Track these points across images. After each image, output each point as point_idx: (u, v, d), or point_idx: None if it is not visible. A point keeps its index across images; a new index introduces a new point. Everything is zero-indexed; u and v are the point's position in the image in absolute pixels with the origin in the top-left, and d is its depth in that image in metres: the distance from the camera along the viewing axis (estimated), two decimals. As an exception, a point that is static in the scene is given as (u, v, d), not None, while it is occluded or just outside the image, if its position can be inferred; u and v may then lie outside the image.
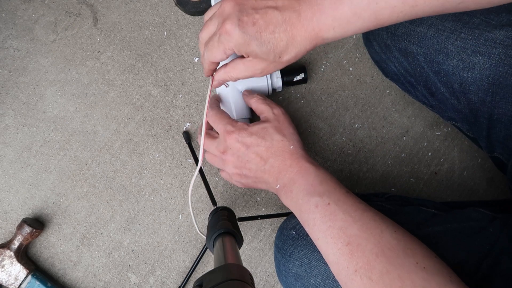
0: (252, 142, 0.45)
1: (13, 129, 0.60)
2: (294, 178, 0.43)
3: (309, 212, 0.40)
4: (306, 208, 0.40)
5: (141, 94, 0.61)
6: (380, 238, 0.35)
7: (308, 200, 0.40)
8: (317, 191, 0.40)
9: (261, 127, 0.46)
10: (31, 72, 0.61)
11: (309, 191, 0.41)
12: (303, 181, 0.42)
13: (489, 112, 0.43)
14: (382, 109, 0.62)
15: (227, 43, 0.38)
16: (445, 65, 0.44)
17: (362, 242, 0.35)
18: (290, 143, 0.45)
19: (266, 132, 0.45)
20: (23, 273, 0.56)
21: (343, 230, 0.37)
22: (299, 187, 0.42)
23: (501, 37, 0.39)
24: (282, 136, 0.45)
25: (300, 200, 0.41)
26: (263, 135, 0.45)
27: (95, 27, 0.61)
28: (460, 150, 0.62)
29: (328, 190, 0.40)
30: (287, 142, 0.45)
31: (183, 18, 0.62)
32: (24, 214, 0.60)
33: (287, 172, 0.43)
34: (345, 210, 0.38)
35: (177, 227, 0.61)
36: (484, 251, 0.39)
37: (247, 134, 0.45)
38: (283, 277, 0.46)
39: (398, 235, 0.36)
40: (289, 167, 0.43)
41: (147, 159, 0.61)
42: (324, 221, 0.38)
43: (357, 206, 0.39)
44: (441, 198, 0.62)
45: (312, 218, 0.39)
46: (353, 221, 0.37)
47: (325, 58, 0.62)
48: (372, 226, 0.36)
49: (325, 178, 0.42)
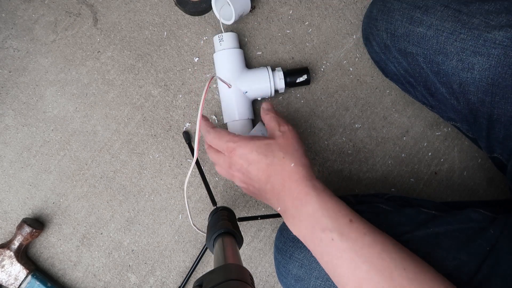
0: (254, 158, 0.43)
1: (13, 129, 0.60)
2: (294, 204, 0.41)
3: (313, 244, 0.39)
4: (310, 240, 0.39)
5: (141, 94, 0.61)
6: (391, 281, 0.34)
7: (311, 232, 0.39)
8: (320, 224, 0.39)
9: (264, 143, 0.44)
10: (31, 72, 0.61)
11: (311, 223, 0.39)
12: (304, 211, 0.40)
13: (488, 113, 0.43)
14: (382, 109, 0.62)
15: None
16: (445, 66, 0.44)
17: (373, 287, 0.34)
18: (291, 161, 0.43)
19: (268, 148, 0.44)
20: (23, 273, 0.56)
21: (351, 271, 0.36)
22: (301, 216, 0.40)
23: (501, 38, 0.39)
24: (283, 153, 0.43)
25: (303, 230, 0.40)
26: (265, 151, 0.43)
27: (95, 27, 0.61)
28: (460, 150, 0.62)
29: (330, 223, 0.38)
30: (288, 160, 0.43)
31: (183, 18, 0.61)
32: (24, 214, 0.60)
33: (287, 195, 0.42)
34: (351, 247, 0.36)
35: (177, 227, 0.61)
36: (484, 252, 0.39)
37: (248, 150, 0.44)
38: (283, 278, 0.46)
39: (409, 274, 0.34)
40: (288, 189, 0.42)
41: (147, 159, 0.61)
42: (331, 258, 0.37)
43: (362, 241, 0.37)
44: (441, 198, 0.62)
45: (318, 251, 0.39)
46: (361, 262, 0.36)
47: (325, 58, 0.62)
48: (380, 267, 0.35)
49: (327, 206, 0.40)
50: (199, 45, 0.61)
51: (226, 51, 0.55)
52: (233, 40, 0.56)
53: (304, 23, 0.62)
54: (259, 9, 0.61)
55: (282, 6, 0.61)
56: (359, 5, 0.62)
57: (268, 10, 0.61)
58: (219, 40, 0.56)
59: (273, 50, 0.61)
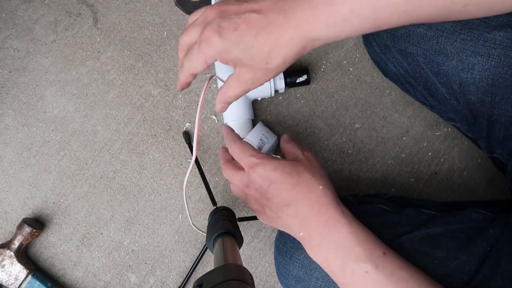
0: (277, 177, 0.39)
1: (13, 129, 0.60)
2: (322, 232, 0.38)
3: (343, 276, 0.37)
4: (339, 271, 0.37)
5: (141, 94, 0.61)
6: None
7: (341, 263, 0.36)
8: (352, 255, 0.36)
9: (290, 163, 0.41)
10: (31, 72, 0.61)
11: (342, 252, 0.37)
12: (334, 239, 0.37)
13: (488, 113, 0.43)
14: (382, 109, 0.62)
15: (208, 51, 0.34)
16: (445, 66, 0.44)
17: None
18: (320, 184, 0.39)
19: (294, 168, 0.40)
20: (23, 273, 0.56)
21: None
22: (329, 244, 0.37)
23: (501, 38, 0.39)
24: (311, 175, 0.40)
25: (331, 260, 0.37)
26: (290, 171, 0.40)
27: (95, 27, 0.61)
28: (460, 150, 0.62)
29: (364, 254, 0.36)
30: (316, 182, 0.39)
31: (183, 18, 0.61)
32: (24, 214, 0.60)
33: (313, 221, 0.38)
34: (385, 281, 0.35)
35: (177, 227, 0.61)
36: (485, 252, 0.39)
37: (272, 168, 0.40)
38: (284, 279, 0.46)
39: None
40: (315, 214, 0.38)
41: (147, 159, 0.61)
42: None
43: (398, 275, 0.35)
44: (441, 198, 0.62)
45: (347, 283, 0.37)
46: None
47: (325, 58, 0.62)
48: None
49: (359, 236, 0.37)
50: (199, 45, 0.61)
51: None
52: None
53: (304, 23, 0.61)
54: (259, 9, 0.61)
55: (282, 6, 0.61)
56: (359, 5, 0.62)
57: (268, 10, 0.61)
58: None
59: (273, 50, 0.61)
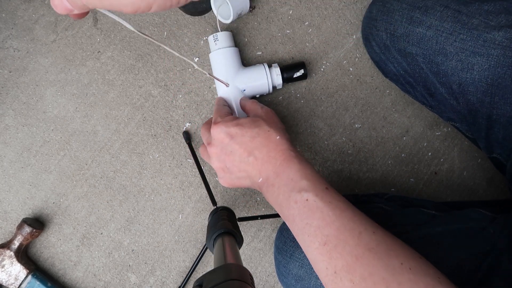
0: (237, 132, 0.44)
1: (13, 129, 0.60)
2: (276, 171, 0.42)
3: (288, 208, 0.39)
4: (286, 204, 0.40)
5: (141, 94, 0.61)
6: (359, 240, 0.34)
7: (288, 196, 0.39)
8: (297, 186, 0.39)
9: (249, 119, 0.45)
10: (31, 72, 0.61)
11: (289, 186, 0.40)
12: (285, 175, 0.41)
13: (487, 113, 0.43)
14: (382, 109, 0.62)
15: None
16: (444, 66, 0.44)
17: (339, 244, 0.34)
18: (277, 134, 0.43)
19: (254, 123, 0.45)
20: (23, 273, 0.56)
21: (320, 229, 0.36)
22: (280, 181, 0.41)
23: (500, 38, 0.39)
24: (268, 127, 0.44)
25: (281, 196, 0.40)
26: (250, 125, 0.44)
27: (95, 27, 0.61)
28: (460, 150, 0.62)
29: (308, 185, 0.39)
30: (273, 133, 0.43)
31: (183, 18, 0.62)
32: (24, 214, 0.60)
33: (270, 164, 0.42)
34: (323, 207, 0.37)
35: (177, 227, 0.61)
36: (484, 252, 0.39)
37: (232, 124, 0.44)
38: (284, 278, 0.46)
39: (378, 236, 0.35)
40: (272, 158, 0.42)
41: (147, 159, 0.61)
42: (302, 218, 0.38)
43: (335, 204, 0.38)
44: (441, 198, 0.62)
45: (291, 214, 0.39)
46: (331, 220, 0.36)
47: (325, 58, 0.62)
48: (350, 227, 0.35)
49: (306, 172, 0.40)
50: (199, 45, 0.61)
51: (222, 50, 0.55)
52: (228, 39, 0.56)
53: (304, 23, 0.62)
54: (259, 9, 0.61)
55: (282, 6, 0.61)
56: (359, 5, 0.62)
57: (268, 10, 0.61)
58: (214, 40, 0.56)
59: (273, 50, 0.61)
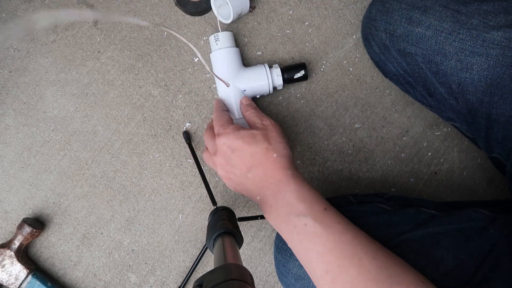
0: (238, 146, 0.44)
1: (13, 129, 0.60)
2: (273, 193, 0.42)
3: (288, 232, 0.39)
4: (285, 228, 0.40)
5: (141, 94, 0.61)
6: (360, 267, 0.34)
7: (287, 220, 0.39)
8: (295, 210, 0.39)
9: (249, 132, 0.46)
10: (31, 72, 0.61)
11: (287, 209, 0.40)
12: (282, 198, 0.41)
13: (487, 113, 0.43)
14: (382, 109, 0.62)
15: None
16: (443, 66, 0.44)
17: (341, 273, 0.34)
18: (274, 152, 0.44)
19: (253, 138, 0.45)
20: (23, 273, 0.56)
21: (321, 256, 0.36)
22: (278, 203, 0.41)
23: (499, 38, 0.39)
24: (267, 144, 0.44)
25: (280, 218, 0.40)
26: (249, 140, 0.45)
27: (95, 27, 0.61)
28: (460, 150, 0.62)
29: (305, 208, 0.39)
30: (271, 151, 0.44)
31: (183, 18, 0.62)
32: (24, 214, 0.60)
33: (267, 183, 0.43)
34: (322, 233, 0.37)
35: (177, 227, 0.61)
36: (484, 252, 0.39)
37: (234, 137, 0.45)
38: (283, 277, 0.46)
39: (379, 262, 0.35)
40: (269, 177, 0.43)
41: (147, 159, 0.61)
42: (302, 243, 0.38)
43: (334, 228, 0.37)
44: (441, 198, 0.62)
45: (292, 239, 0.39)
46: (331, 246, 0.36)
47: (325, 58, 0.62)
48: (350, 253, 0.35)
49: (303, 194, 0.40)
50: (199, 45, 0.61)
51: (223, 50, 0.55)
52: (229, 39, 0.56)
53: (304, 23, 0.62)
54: (259, 9, 0.61)
55: (282, 6, 0.61)
56: (359, 5, 0.62)
57: (268, 10, 0.61)
58: (215, 40, 0.56)
59: (273, 50, 0.61)
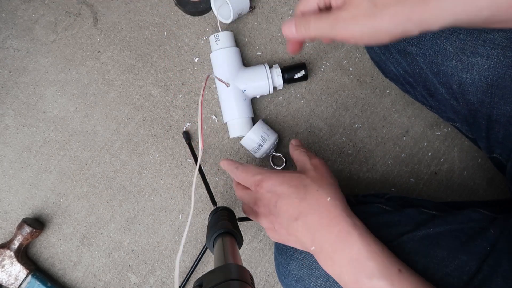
0: (284, 191, 0.39)
1: (13, 129, 0.60)
2: (333, 245, 0.37)
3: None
4: (353, 287, 0.36)
5: (141, 94, 0.61)
6: None
7: (355, 280, 0.35)
8: (366, 270, 0.35)
9: (295, 176, 0.41)
10: (31, 72, 0.61)
11: (355, 268, 0.36)
12: (346, 254, 0.36)
13: (487, 113, 0.43)
14: (382, 109, 0.62)
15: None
16: (444, 66, 0.44)
17: None
18: (328, 195, 0.39)
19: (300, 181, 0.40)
20: (23, 273, 0.56)
21: None
22: (341, 259, 0.36)
23: (500, 39, 0.39)
24: (318, 186, 0.39)
25: (346, 276, 0.36)
26: (296, 184, 0.40)
27: (95, 27, 0.61)
28: (460, 150, 0.62)
29: (378, 269, 0.35)
30: (323, 193, 0.39)
31: (183, 18, 0.61)
32: (24, 214, 0.60)
33: (325, 233, 0.37)
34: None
35: (177, 227, 0.61)
36: (485, 252, 0.39)
37: (278, 182, 0.40)
38: (284, 278, 0.46)
39: None
40: (326, 226, 0.37)
41: (147, 159, 0.61)
42: None
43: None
44: (441, 198, 0.62)
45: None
46: None
47: (325, 58, 0.62)
48: None
49: (372, 250, 0.36)
50: (199, 45, 0.61)
51: (223, 50, 0.55)
52: (229, 39, 0.56)
53: (304, 23, 0.61)
54: (259, 9, 0.61)
55: (282, 6, 0.61)
56: (359, 5, 0.61)
57: (268, 10, 0.61)
58: (215, 40, 0.56)
59: (273, 50, 0.61)
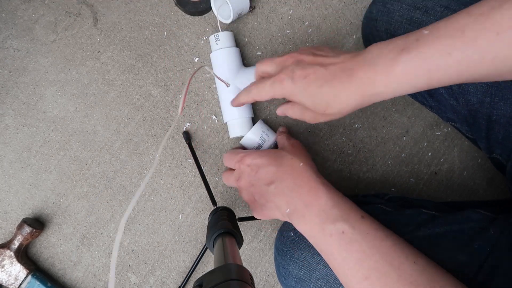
0: (263, 162, 0.45)
1: (13, 129, 0.60)
2: (304, 201, 0.41)
3: (323, 241, 0.39)
4: (321, 237, 0.39)
5: (141, 94, 0.61)
6: (400, 272, 0.34)
7: (321, 228, 0.39)
8: (330, 217, 0.39)
9: (273, 150, 0.47)
10: (31, 72, 0.61)
11: (321, 218, 0.39)
12: (315, 205, 0.40)
13: (487, 113, 0.43)
14: (382, 109, 0.62)
15: (279, 90, 0.41)
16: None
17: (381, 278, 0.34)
18: (300, 161, 0.44)
19: (278, 154, 0.45)
20: (23, 273, 0.56)
21: (360, 263, 0.35)
22: (311, 212, 0.40)
23: None
24: (292, 156, 0.45)
25: (314, 227, 0.39)
26: (275, 156, 0.45)
27: (95, 27, 0.61)
28: (460, 150, 0.62)
29: (341, 215, 0.39)
30: (297, 160, 0.44)
31: (183, 18, 0.61)
32: (24, 214, 0.60)
33: (297, 193, 0.42)
34: (361, 239, 0.36)
35: (177, 227, 0.61)
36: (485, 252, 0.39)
37: (257, 155, 0.45)
38: (284, 279, 0.46)
39: (419, 267, 0.34)
40: (298, 187, 0.42)
41: (147, 159, 0.61)
42: (340, 251, 0.37)
43: (373, 235, 0.37)
44: (441, 198, 0.62)
45: (326, 248, 0.38)
46: (370, 253, 0.36)
47: (325, 58, 0.62)
48: (390, 259, 0.35)
49: (338, 201, 0.40)
50: (199, 45, 0.61)
51: (223, 50, 0.55)
52: (229, 39, 0.56)
53: (304, 23, 0.62)
54: (259, 9, 0.61)
55: (282, 6, 0.61)
56: (359, 5, 0.62)
57: (268, 10, 0.61)
58: (215, 40, 0.56)
59: (273, 50, 0.61)
